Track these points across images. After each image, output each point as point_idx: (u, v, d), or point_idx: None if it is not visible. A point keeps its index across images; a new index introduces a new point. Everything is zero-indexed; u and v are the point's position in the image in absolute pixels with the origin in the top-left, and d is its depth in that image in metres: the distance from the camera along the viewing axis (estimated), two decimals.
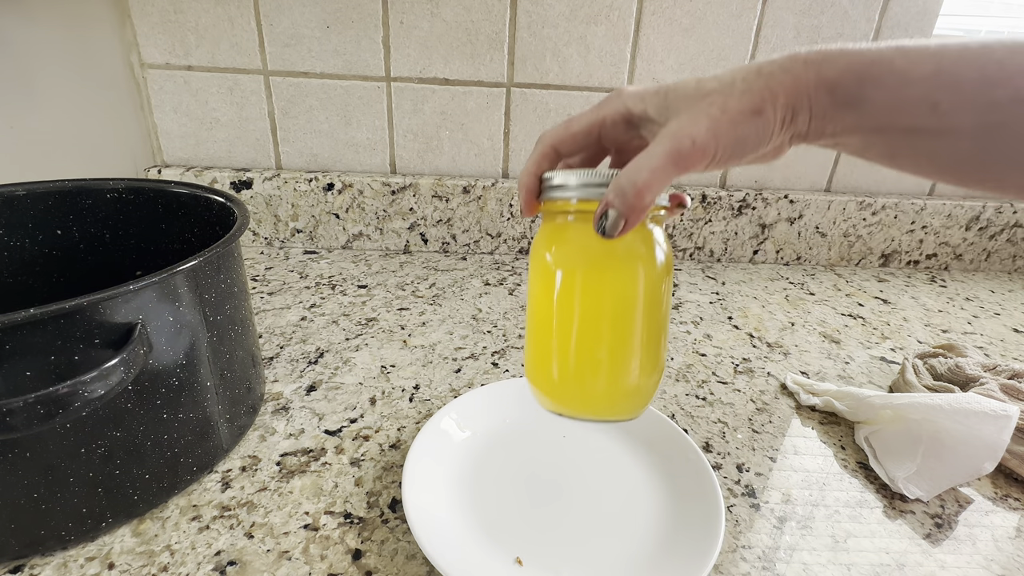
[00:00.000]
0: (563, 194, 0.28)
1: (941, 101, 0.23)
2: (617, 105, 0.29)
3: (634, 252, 0.27)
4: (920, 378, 0.48)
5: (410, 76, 0.70)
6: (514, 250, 0.78)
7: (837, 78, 0.25)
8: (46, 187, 0.43)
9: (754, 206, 0.77)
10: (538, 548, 0.33)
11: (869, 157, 0.28)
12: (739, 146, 0.26)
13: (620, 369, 0.28)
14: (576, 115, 0.30)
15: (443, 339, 0.56)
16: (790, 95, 0.25)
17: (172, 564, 0.31)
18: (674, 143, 0.25)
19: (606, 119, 0.29)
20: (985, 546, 0.36)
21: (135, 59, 0.67)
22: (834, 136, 0.26)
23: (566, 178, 0.27)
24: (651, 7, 0.67)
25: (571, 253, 0.28)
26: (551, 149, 0.30)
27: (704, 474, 0.37)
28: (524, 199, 0.30)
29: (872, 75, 0.24)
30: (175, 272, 0.31)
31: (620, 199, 0.25)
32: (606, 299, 0.28)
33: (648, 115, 0.28)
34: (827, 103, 0.25)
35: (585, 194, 0.27)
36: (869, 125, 0.25)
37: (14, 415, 0.24)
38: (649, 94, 0.28)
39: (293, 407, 0.44)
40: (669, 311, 0.30)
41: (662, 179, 0.25)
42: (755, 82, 0.25)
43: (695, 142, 0.25)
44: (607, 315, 0.28)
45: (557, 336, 0.29)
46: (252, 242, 0.76)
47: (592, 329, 0.28)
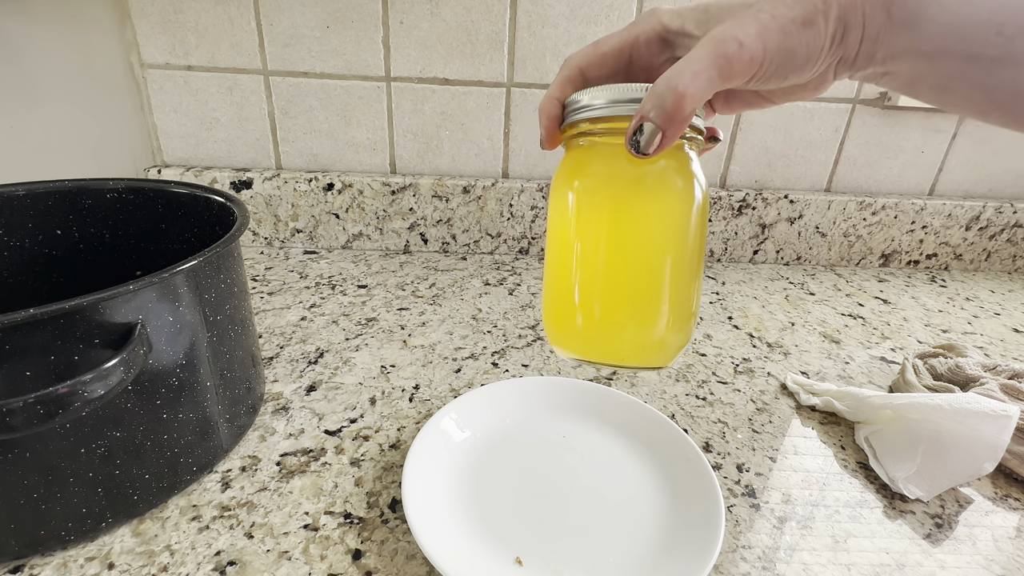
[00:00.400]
0: (590, 114, 0.25)
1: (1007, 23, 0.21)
2: (652, 22, 0.27)
3: (669, 180, 0.24)
4: (920, 378, 0.48)
5: (410, 76, 0.70)
6: (514, 250, 0.78)
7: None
8: (46, 187, 0.43)
9: (754, 206, 0.77)
10: (538, 548, 0.33)
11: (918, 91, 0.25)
12: (787, 59, 0.23)
13: (650, 311, 0.25)
14: (606, 36, 0.27)
15: (443, 339, 0.56)
16: (844, 8, 0.23)
17: (172, 564, 0.31)
18: (719, 46, 0.22)
19: (639, 38, 0.27)
20: (985, 546, 0.36)
21: (135, 59, 0.67)
22: (884, 63, 0.24)
23: (594, 95, 0.24)
24: (651, 7, 0.67)
25: (597, 182, 0.25)
26: (577, 72, 0.27)
27: (704, 474, 0.37)
28: (545, 127, 0.27)
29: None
30: (175, 272, 0.31)
31: (658, 108, 0.22)
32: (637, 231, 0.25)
33: (686, 30, 0.26)
34: (882, 21, 0.23)
35: (616, 111, 0.24)
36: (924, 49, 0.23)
37: (14, 415, 0.24)
38: (688, 9, 0.26)
39: (293, 407, 0.44)
40: (704, 252, 0.27)
41: (706, 86, 0.22)
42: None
43: (743, 45, 0.22)
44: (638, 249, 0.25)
45: (580, 275, 0.26)
46: (252, 242, 0.76)
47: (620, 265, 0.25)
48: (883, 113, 0.75)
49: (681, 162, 0.25)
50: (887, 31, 0.23)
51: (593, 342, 0.27)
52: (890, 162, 0.78)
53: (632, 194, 0.25)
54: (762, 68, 0.23)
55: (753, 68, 0.23)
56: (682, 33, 0.26)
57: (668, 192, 0.25)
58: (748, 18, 0.23)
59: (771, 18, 0.23)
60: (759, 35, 0.23)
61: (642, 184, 0.25)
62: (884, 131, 0.76)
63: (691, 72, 0.22)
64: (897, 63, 0.24)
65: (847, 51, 0.24)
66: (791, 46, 0.23)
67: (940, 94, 0.25)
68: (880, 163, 0.78)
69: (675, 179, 0.25)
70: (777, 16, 0.23)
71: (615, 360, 0.27)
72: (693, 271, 0.26)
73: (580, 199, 0.25)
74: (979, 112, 0.25)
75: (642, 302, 0.25)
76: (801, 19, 0.23)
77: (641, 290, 0.25)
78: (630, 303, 0.26)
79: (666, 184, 0.25)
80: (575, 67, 0.27)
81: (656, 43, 0.27)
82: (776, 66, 0.24)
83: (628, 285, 0.25)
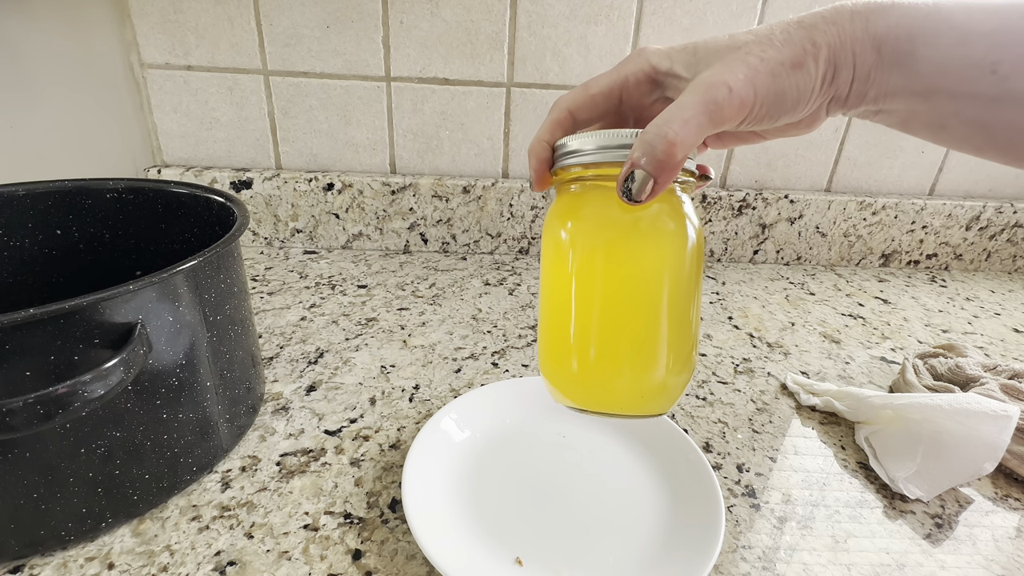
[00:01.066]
0: (580, 159, 0.24)
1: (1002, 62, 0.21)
2: (640, 63, 0.26)
3: (662, 225, 0.24)
4: (920, 378, 0.48)
5: (410, 76, 0.70)
6: (514, 250, 0.78)
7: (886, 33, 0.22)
8: (46, 187, 0.43)
9: (754, 206, 0.77)
10: (538, 548, 0.33)
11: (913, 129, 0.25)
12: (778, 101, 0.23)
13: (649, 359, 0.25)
14: (595, 77, 0.27)
15: (443, 339, 0.56)
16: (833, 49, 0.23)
17: (172, 564, 0.31)
18: (709, 92, 0.22)
19: (628, 79, 0.26)
20: (985, 546, 0.36)
21: (135, 59, 0.67)
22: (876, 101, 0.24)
23: (583, 141, 0.24)
24: (651, 7, 0.67)
25: (590, 227, 0.25)
26: (567, 114, 0.27)
27: (704, 474, 0.37)
28: (536, 169, 0.27)
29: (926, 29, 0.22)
30: (175, 272, 0.31)
31: (648, 156, 0.22)
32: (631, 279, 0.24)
33: (675, 72, 0.25)
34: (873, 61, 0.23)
35: (606, 157, 0.24)
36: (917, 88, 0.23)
37: (14, 415, 0.24)
38: (676, 51, 0.26)
39: (293, 407, 0.44)
40: (700, 294, 0.26)
41: (696, 132, 0.22)
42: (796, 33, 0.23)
43: (732, 90, 0.22)
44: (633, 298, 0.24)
45: (576, 322, 0.25)
46: (252, 242, 0.76)
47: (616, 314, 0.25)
48: None
49: (673, 205, 0.25)
50: (879, 71, 0.23)
51: (591, 390, 0.26)
52: (890, 162, 0.78)
53: (625, 239, 0.25)
54: (752, 111, 0.23)
55: (743, 112, 0.23)
56: (671, 74, 0.26)
57: (661, 236, 0.24)
58: (737, 62, 0.23)
59: (760, 61, 0.23)
60: (748, 79, 0.22)
61: (635, 229, 0.24)
62: (884, 131, 0.76)
63: (681, 119, 0.22)
64: (890, 102, 0.24)
65: (838, 90, 0.24)
66: (781, 89, 0.23)
67: (936, 132, 0.25)
68: (880, 163, 0.78)
69: (668, 222, 0.25)
70: (766, 59, 0.23)
71: (614, 408, 0.26)
72: (689, 312, 0.25)
73: (573, 244, 0.25)
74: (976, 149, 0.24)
75: (639, 348, 0.25)
76: (790, 61, 0.23)
77: (637, 335, 0.25)
78: (627, 349, 0.25)
79: (659, 228, 0.24)
80: (564, 109, 0.27)
81: (645, 84, 0.27)
82: (767, 108, 0.23)
83: (624, 331, 0.25)
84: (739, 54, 0.23)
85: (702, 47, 0.25)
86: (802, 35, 0.23)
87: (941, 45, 0.22)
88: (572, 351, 0.26)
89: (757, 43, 0.23)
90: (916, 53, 0.22)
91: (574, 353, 0.26)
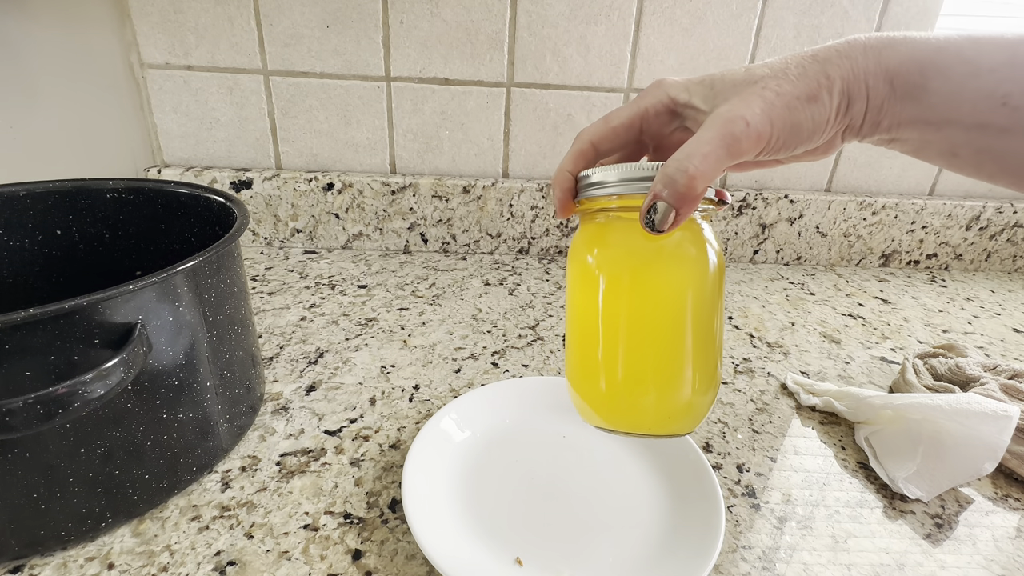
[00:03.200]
0: (604, 191, 0.26)
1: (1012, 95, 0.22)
2: (659, 95, 0.27)
3: (684, 251, 0.25)
4: (920, 378, 0.48)
5: (410, 76, 0.70)
6: (514, 250, 0.78)
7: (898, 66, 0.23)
8: (46, 187, 0.43)
9: (754, 206, 0.77)
10: (538, 548, 0.33)
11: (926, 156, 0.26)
12: (794, 133, 0.24)
13: (675, 381, 0.26)
14: (615, 109, 0.28)
15: (443, 339, 0.56)
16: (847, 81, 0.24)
17: (172, 564, 0.31)
18: (727, 126, 0.23)
19: (648, 110, 0.27)
20: (985, 546, 0.36)
21: (135, 59, 0.67)
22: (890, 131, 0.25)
23: (606, 174, 0.25)
24: (651, 7, 0.67)
25: (615, 256, 0.26)
26: (589, 146, 0.28)
27: (704, 474, 0.37)
28: (559, 199, 0.28)
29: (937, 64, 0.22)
30: (175, 272, 0.31)
31: (670, 189, 0.23)
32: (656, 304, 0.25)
33: (693, 104, 0.26)
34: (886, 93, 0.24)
35: (629, 189, 0.25)
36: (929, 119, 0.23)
37: (14, 415, 0.24)
38: (694, 83, 0.26)
39: (293, 407, 0.44)
40: (723, 314, 0.28)
41: (715, 166, 0.23)
42: (810, 67, 0.24)
43: (749, 124, 0.23)
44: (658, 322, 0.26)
45: (603, 347, 0.26)
46: (252, 242, 0.76)
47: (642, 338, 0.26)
48: None
49: (694, 232, 0.26)
50: (891, 102, 0.24)
51: (619, 410, 0.27)
52: (890, 162, 0.78)
53: (649, 266, 0.26)
54: (770, 143, 0.24)
55: (760, 144, 0.24)
56: (689, 106, 0.27)
57: (684, 262, 0.25)
58: (753, 96, 0.23)
59: (776, 95, 0.23)
60: (765, 113, 0.23)
61: (658, 256, 0.25)
62: None
63: (701, 154, 0.23)
64: (904, 131, 0.25)
65: (853, 120, 0.25)
66: (797, 121, 0.24)
67: (948, 160, 0.25)
68: (880, 163, 0.78)
69: (689, 249, 0.25)
70: (782, 93, 0.24)
71: (641, 428, 0.27)
72: (713, 333, 0.26)
73: (599, 271, 0.26)
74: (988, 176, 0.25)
75: (665, 369, 0.26)
76: (805, 95, 0.24)
77: (663, 357, 0.26)
78: (653, 370, 0.26)
79: (681, 255, 0.25)
80: (587, 141, 0.28)
81: (665, 115, 0.28)
82: (783, 140, 0.24)
83: (650, 352, 0.26)
84: (755, 88, 0.24)
85: (719, 80, 0.25)
86: (816, 69, 0.24)
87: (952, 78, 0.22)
88: (600, 372, 0.27)
89: (772, 77, 0.24)
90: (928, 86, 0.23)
91: (602, 374, 0.27)
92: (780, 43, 0.70)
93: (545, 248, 0.78)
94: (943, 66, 0.23)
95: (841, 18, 0.69)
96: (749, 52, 0.70)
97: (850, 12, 0.69)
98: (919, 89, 0.23)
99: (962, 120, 0.23)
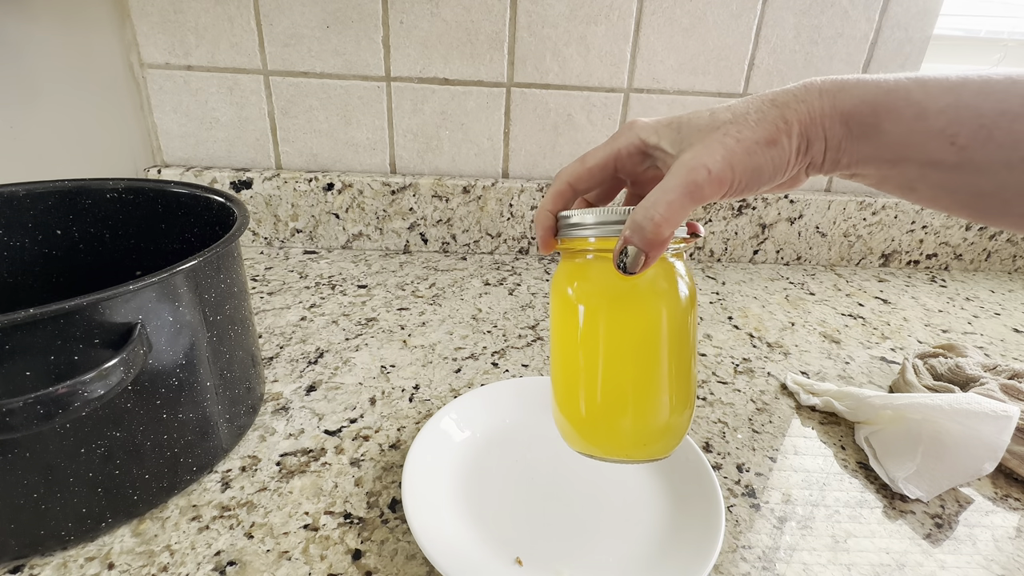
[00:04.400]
0: (581, 232, 0.28)
1: (959, 135, 0.23)
2: (631, 137, 0.29)
3: (657, 288, 0.27)
4: (920, 378, 0.48)
5: (410, 76, 0.70)
6: (514, 250, 0.78)
7: (852, 109, 0.25)
8: (46, 187, 0.43)
9: (754, 206, 0.77)
10: (538, 548, 0.33)
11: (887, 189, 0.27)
12: (755, 175, 0.25)
13: (650, 408, 0.28)
14: (591, 150, 0.30)
15: (443, 339, 0.56)
16: (804, 124, 0.25)
17: (172, 564, 0.31)
18: (689, 175, 0.25)
19: (620, 151, 0.29)
20: (985, 546, 0.36)
21: (135, 59, 0.67)
22: (850, 167, 0.26)
23: (583, 217, 0.27)
24: (651, 7, 0.67)
25: (593, 292, 0.28)
26: (567, 186, 0.30)
27: (704, 474, 0.37)
28: (541, 237, 0.30)
29: (887, 106, 0.24)
30: (175, 272, 0.31)
31: (638, 236, 0.25)
32: (632, 337, 0.27)
33: (661, 147, 0.28)
34: (842, 134, 0.25)
35: (603, 232, 0.27)
36: (885, 157, 0.25)
37: (14, 415, 0.24)
38: (662, 126, 0.28)
39: (293, 407, 0.44)
40: (696, 344, 0.29)
41: (679, 212, 0.25)
42: (769, 112, 0.25)
43: (711, 172, 0.25)
44: (634, 354, 0.27)
45: (583, 377, 0.28)
46: (252, 242, 0.76)
47: (619, 369, 0.28)
48: None
49: (667, 269, 0.28)
50: (848, 141, 0.25)
51: (599, 437, 0.29)
52: None
53: (624, 301, 0.27)
54: (732, 187, 0.25)
55: (723, 189, 0.25)
56: (658, 148, 0.28)
57: (656, 297, 0.27)
58: (715, 143, 0.25)
59: (736, 142, 0.25)
60: (726, 160, 0.25)
61: (632, 292, 0.27)
62: None
63: (666, 202, 0.24)
64: (862, 167, 0.26)
65: (813, 159, 0.26)
66: (757, 164, 0.25)
67: (907, 193, 0.27)
68: None
69: (661, 284, 0.27)
70: (742, 139, 0.25)
71: (621, 455, 0.29)
72: (687, 363, 0.28)
73: (578, 306, 0.28)
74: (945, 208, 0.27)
75: (640, 397, 0.28)
76: (765, 140, 0.25)
77: (638, 386, 0.28)
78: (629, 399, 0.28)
79: (654, 290, 0.27)
80: (565, 182, 0.30)
81: (637, 155, 0.29)
82: (746, 182, 0.26)
83: (626, 382, 0.28)
84: (717, 135, 0.25)
85: (685, 125, 0.27)
86: (775, 114, 0.25)
87: (902, 119, 0.24)
88: (580, 399, 0.28)
89: (733, 123, 0.25)
90: (880, 126, 0.24)
91: (582, 401, 0.28)
92: (780, 43, 0.70)
93: None
94: (893, 108, 0.24)
95: (841, 18, 0.69)
96: (749, 52, 0.70)
97: (850, 12, 0.69)
98: (873, 129, 0.25)
99: (915, 158, 0.24)
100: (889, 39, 0.71)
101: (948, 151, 0.23)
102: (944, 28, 0.75)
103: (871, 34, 0.70)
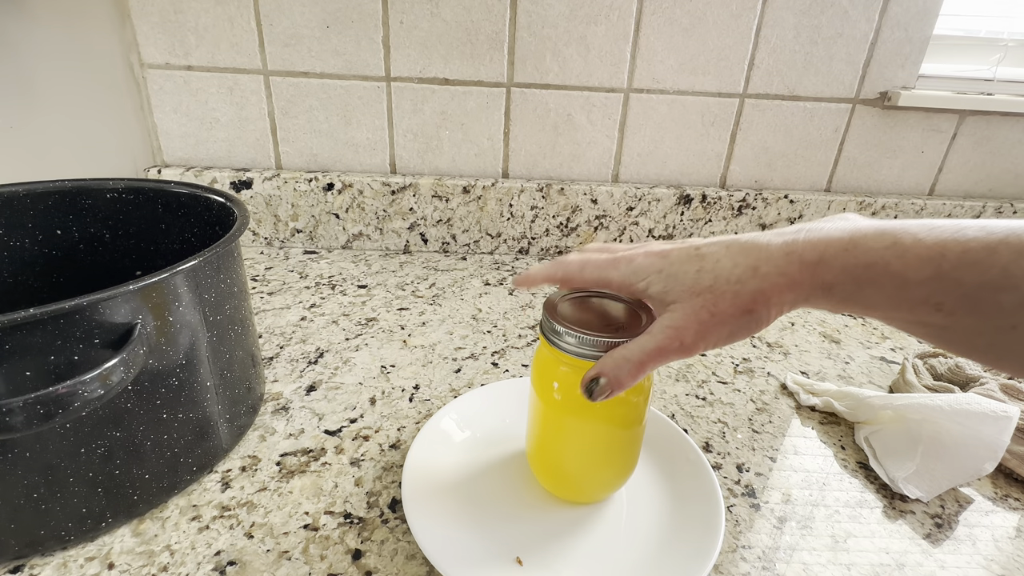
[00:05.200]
0: (564, 347, 0.31)
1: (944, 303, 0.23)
2: (626, 273, 0.31)
3: (620, 398, 0.30)
4: (920, 378, 0.48)
5: (410, 76, 0.70)
6: (514, 250, 0.78)
7: (833, 280, 0.25)
8: (46, 187, 0.43)
9: (754, 206, 0.77)
10: (538, 548, 0.33)
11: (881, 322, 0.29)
12: (731, 338, 0.28)
13: (601, 476, 0.35)
14: (592, 263, 0.32)
15: (443, 339, 0.56)
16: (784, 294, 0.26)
17: (172, 564, 0.31)
18: (665, 341, 0.27)
19: (612, 282, 0.31)
20: (985, 546, 0.36)
21: (135, 59, 0.67)
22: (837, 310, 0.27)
23: (570, 336, 0.30)
24: (651, 7, 0.67)
25: (562, 389, 0.33)
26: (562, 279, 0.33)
27: (704, 474, 0.37)
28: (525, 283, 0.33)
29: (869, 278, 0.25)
30: (175, 272, 0.31)
31: (610, 375, 0.27)
32: (592, 430, 0.33)
33: (649, 294, 0.30)
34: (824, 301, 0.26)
35: (582, 354, 0.30)
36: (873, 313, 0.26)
37: (14, 415, 0.24)
38: (653, 272, 0.30)
39: (293, 407, 0.44)
40: (644, 429, 0.35)
41: (650, 366, 0.28)
42: (749, 283, 0.27)
43: (683, 344, 0.27)
44: (593, 442, 0.34)
45: (550, 445, 0.35)
46: (252, 242, 0.76)
47: (578, 451, 0.34)
48: (883, 113, 0.75)
49: None
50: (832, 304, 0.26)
51: (558, 487, 0.37)
52: (890, 162, 0.78)
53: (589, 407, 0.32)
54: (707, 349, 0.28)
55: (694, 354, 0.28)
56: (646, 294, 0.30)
57: (615, 405, 0.32)
58: (691, 318, 0.27)
59: (710, 316, 0.27)
60: (699, 334, 0.27)
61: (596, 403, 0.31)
62: (884, 131, 0.76)
63: (639, 359, 0.27)
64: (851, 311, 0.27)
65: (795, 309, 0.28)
66: (732, 331, 0.27)
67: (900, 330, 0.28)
68: (880, 163, 0.78)
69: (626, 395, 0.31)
70: (717, 313, 0.27)
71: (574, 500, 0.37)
72: (636, 443, 0.35)
73: (549, 395, 0.33)
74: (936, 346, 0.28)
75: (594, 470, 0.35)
76: (741, 311, 0.27)
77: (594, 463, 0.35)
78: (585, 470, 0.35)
79: (618, 400, 0.31)
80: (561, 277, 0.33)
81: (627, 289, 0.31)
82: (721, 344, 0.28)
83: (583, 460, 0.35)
84: (694, 306, 0.27)
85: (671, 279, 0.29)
86: (754, 286, 0.27)
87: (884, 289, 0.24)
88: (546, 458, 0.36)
89: (712, 292, 0.27)
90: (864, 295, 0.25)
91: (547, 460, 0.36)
92: (780, 43, 0.70)
93: (545, 248, 0.78)
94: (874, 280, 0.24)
95: (841, 18, 0.69)
96: (749, 52, 0.70)
97: (850, 12, 0.69)
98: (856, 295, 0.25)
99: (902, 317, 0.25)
100: (889, 39, 0.71)
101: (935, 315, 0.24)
102: (944, 28, 0.75)
103: (871, 34, 0.70)
